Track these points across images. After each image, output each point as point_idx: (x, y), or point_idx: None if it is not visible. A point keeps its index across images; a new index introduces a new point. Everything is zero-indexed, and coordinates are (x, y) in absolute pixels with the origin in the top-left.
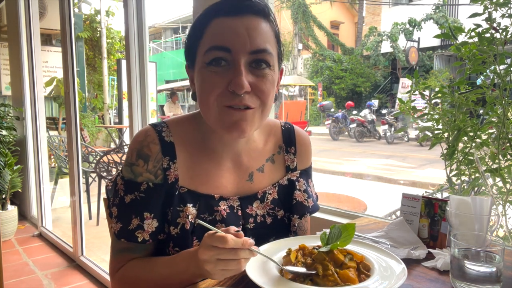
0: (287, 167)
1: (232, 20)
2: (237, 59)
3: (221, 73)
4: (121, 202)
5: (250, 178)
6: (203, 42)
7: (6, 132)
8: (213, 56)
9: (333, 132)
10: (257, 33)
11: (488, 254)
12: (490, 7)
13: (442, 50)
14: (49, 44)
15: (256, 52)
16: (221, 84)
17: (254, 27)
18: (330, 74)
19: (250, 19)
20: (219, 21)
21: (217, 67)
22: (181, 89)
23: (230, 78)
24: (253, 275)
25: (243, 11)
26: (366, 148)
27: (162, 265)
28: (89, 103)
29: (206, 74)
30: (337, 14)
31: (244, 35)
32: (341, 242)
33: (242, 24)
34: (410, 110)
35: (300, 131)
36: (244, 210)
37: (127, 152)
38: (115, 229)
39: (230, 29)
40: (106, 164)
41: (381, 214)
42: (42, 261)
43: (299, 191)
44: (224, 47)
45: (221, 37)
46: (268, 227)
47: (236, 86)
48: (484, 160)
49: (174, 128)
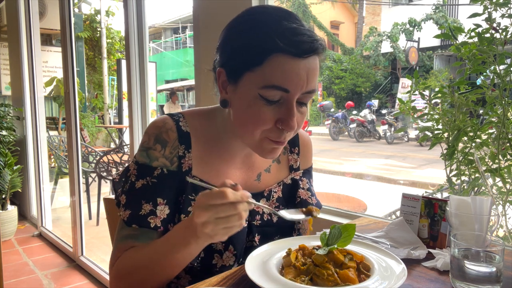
0: (290, 166)
1: (297, 62)
2: (291, 100)
3: (273, 108)
4: (130, 188)
5: (258, 178)
6: (261, 72)
7: (6, 132)
8: (272, 94)
9: (333, 132)
10: (314, 75)
11: (488, 254)
12: (490, 7)
13: (442, 50)
14: (49, 44)
15: (308, 92)
16: (270, 120)
17: (314, 69)
18: (330, 74)
19: (311, 60)
20: (283, 59)
21: (271, 102)
22: (181, 89)
23: (281, 115)
24: (253, 275)
25: (308, 53)
26: (366, 148)
27: (157, 244)
28: (89, 103)
29: (258, 107)
30: (337, 14)
31: (304, 78)
32: (341, 243)
33: (305, 67)
34: (410, 110)
35: (303, 132)
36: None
37: (143, 137)
38: (123, 216)
39: (293, 71)
40: (106, 164)
41: (381, 214)
42: (42, 261)
43: (303, 189)
44: (285, 89)
45: (284, 78)
46: (274, 225)
47: (288, 127)
48: (484, 160)
49: (191, 120)
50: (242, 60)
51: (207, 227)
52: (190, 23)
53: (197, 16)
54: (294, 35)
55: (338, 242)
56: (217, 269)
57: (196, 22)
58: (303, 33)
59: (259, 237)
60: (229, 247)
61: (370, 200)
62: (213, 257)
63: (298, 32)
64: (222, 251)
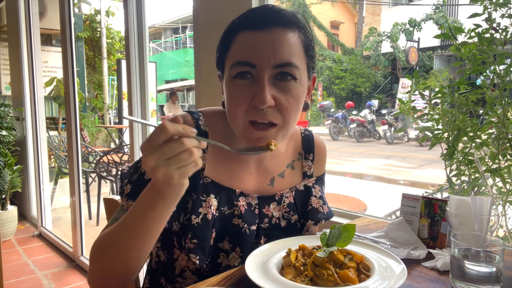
0: (304, 173)
1: (257, 35)
2: (261, 74)
3: (246, 87)
4: (139, 178)
5: (271, 183)
6: (230, 55)
7: (6, 132)
8: (238, 70)
9: (333, 132)
10: (282, 46)
11: (488, 254)
12: (490, 7)
13: (442, 50)
14: (49, 44)
15: (280, 65)
16: (245, 98)
17: (279, 40)
18: (330, 74)
19: (276, 32)
20: (244, 35)
21: (242, 80)
22: (181, 89)
23: (254, 92)
24: (253, 275)
25: (269, 25)
26: (366, 148)
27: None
28: (89, 103)
29: (232, 88)
30: (337, 14)
31: (268, 49)
32: (341, 243)
33: (267, 38)
34: (410, 110)
35: (319, 139)
36: (261, 210)
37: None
38: (124, 204)
39: (255, 44)
40: (106, 164)
41: (381, 214)
42: (42, 261)
43: (315, 197)
44: (248, 62)
45: (246, 52)
46: (281, 230)
47: (259, 101)
48: (484, 160)
49: (210, 119)
50: (220, 52)
51: (158, 171)
52: (190, 23)
53: (197, 16)
54: (254, 12)
55: (338, 242)
56: (221, 268)
57: (196, 22)
58: (264, 8)
59: (265, 240)
60: (236, 248)
61: (370, 200)
62: (219, 256)
63: (259, 9)
64: (229, 251)
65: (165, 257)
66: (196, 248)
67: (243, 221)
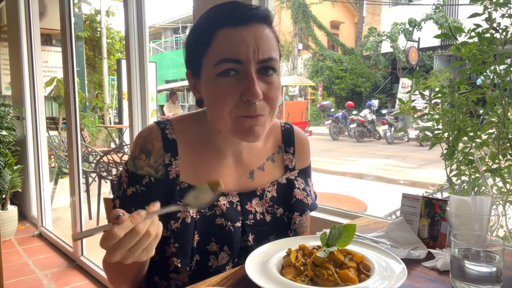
0: (285, 166)
1: (240, 31)
2: (248, 69)
3: (233, 84)
4: (123, 194)
5: (251, 176)
6: (211, 53)
7: (6, 132)
8: (224, 67)
9: (333, 132)
10: (264, 41)
11: (488, 254)
12: (490, 7)
13: (442, 50)
14: (49, 44)
15: (264, 61)
16: (234, 95)
17: (261, 35)
18: (330, 74)
19: (256, 28)
20: (226, 32)
21: (227, 77)
22: (181, 89)
23: (243, 88)
24: (253, 275)
25: (248, 20)
26: (366, 148)
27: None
28: (89, 103)
29: (218, 86)
30: (337, 14)
31: (253, 44)
32: (341, 243)
33: (249, 34)
34: (410, 110)
35: (299, 132)
36: (243, 206)
37: (132, 146)
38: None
39: (239, 40)
40: (106, 164)
41: (381, 214)
42: (42, 261)
43: (298, 189)
44: (235, 59)
45: (231, 49)
46: (267, 225)
47: (251, 96)
48: (484, 160)
49: (178, 125)
50: (196, 50)
51: (127, 260)
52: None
53: (197, 16)
54: (233, 8)
55: (338, 242)
56: (212, 270)
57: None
58: (242, 5)
59: (253, 237)
60: (224, 247)
61: (370, 200)
62: (208, 259)
63: (237, 5)
64: (217, 252)
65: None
66: (178, 252)
67: (226, 219)
